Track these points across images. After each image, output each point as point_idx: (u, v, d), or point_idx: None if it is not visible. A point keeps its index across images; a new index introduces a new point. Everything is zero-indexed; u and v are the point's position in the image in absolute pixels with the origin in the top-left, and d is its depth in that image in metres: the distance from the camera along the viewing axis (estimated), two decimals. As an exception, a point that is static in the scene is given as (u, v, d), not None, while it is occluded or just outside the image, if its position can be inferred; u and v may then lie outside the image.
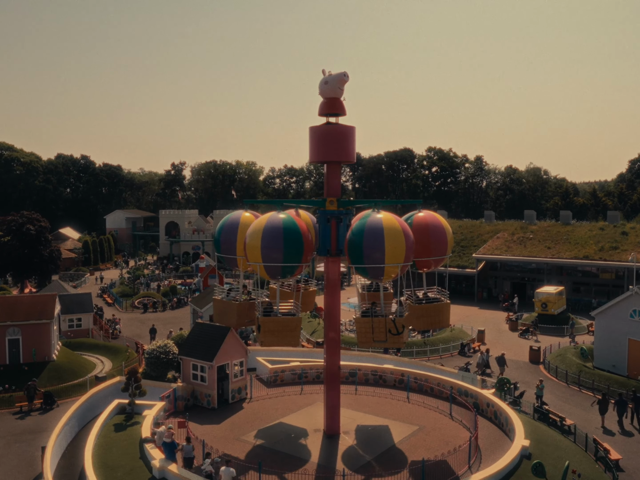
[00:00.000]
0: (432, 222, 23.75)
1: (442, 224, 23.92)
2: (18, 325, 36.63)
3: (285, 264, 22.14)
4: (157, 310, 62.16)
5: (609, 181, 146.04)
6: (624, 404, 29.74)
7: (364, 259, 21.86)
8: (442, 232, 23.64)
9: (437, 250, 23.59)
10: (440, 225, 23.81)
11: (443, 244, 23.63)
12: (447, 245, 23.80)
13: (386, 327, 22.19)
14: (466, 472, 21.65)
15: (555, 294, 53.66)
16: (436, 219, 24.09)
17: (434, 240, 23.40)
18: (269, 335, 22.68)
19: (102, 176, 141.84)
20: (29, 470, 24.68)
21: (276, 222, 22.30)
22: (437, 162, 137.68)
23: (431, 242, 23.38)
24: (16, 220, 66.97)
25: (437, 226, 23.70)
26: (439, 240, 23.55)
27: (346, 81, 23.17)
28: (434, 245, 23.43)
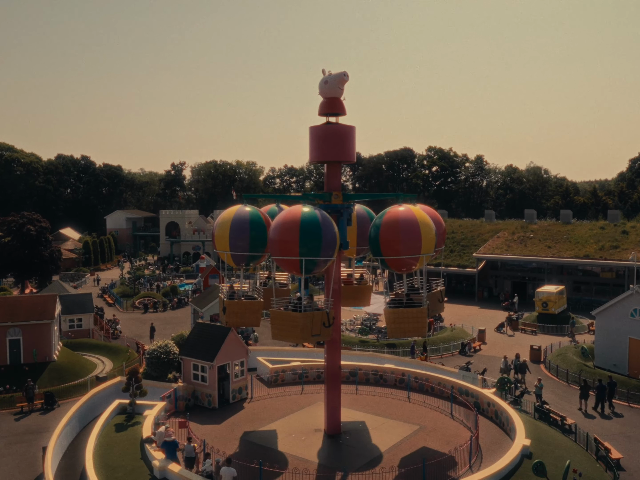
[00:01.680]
0: (404, 217, 21.95)
1: (416, 219, 21.85)
2: (19, 325, 36.65)
3: (251, 253, 23.42)
4: (158, 310, 62.18)
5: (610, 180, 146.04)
6: (602, 390, 31.80)
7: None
8: (413, 228, 21.73)
9: (408, 248, 21.70)
10: (412, 220, 21.82)
11: (415, 241, 21.65)
12: (421, 242, 21.67)
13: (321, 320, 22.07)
14: (467, 471, 21.64)
15: (555, 293, 53.66)
16: (410, 212, 22.11)
17: (403, 237, 21.59)
18: (233, 316, 24.04)
19: (103, 176, 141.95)
20: (30, 470, 24.68)
21: (243, 213, 23.62)
22: (438, 162, 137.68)
23: (401, 239, 21.62)
24: (16, 220, 67.00)
25: (409, 221, 21.81)
26: (410, 237, 21.62)
27: (346, 81, 23.18)
28: (404, 243, 21.62)
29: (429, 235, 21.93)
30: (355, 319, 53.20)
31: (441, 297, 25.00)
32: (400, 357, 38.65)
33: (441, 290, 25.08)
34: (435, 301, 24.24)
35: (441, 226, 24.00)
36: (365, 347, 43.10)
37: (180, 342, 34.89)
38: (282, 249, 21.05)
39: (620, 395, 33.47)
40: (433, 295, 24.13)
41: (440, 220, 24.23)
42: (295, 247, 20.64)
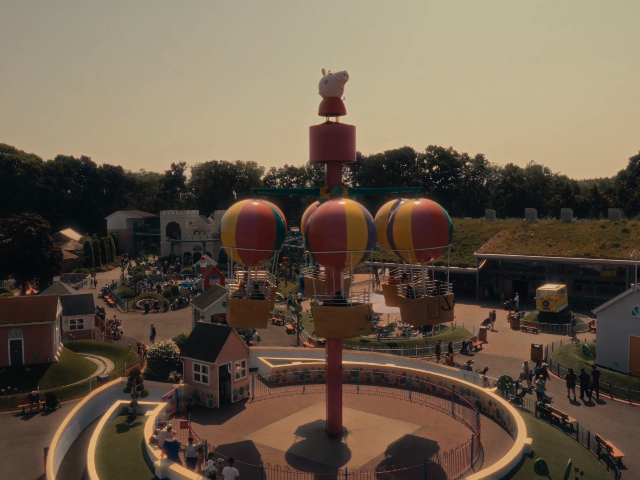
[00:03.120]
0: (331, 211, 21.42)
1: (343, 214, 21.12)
2: (20, 326, 36.66)
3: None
4: (159, 311, 62.20)
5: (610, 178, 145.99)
6: (587, 379, 33.63)
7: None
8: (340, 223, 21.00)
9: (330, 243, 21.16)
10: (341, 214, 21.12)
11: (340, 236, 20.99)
12: (347, 239, 20.90)
13: (439, 304, 23.02)
14: (468, 470, 21.65)
15: (556, 292, 53.63)
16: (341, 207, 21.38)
17: (328, 232, 21.19)
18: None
19: (103, 177, 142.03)
20: (32, 471, 24.69)
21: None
22: (438, 161, 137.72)
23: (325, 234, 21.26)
24: (17, 221, 67.02)
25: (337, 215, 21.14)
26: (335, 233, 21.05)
27: (346, 80, 23.19)
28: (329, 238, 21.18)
29: (357, 231, 20.92)
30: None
31: (446, 304, 23.26)
32: (401, 357, 38.64)
33: (447, 297, 23.32)
34: (436, 307, 23.06)
35: (445, 224, 23.10)
36: (367, 347, 43.10)
37: (182, 342, 34.90)
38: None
39: (621, 393, 33.51)
40: (433, 300, 23.09)
41: (441, 217, 23.19)
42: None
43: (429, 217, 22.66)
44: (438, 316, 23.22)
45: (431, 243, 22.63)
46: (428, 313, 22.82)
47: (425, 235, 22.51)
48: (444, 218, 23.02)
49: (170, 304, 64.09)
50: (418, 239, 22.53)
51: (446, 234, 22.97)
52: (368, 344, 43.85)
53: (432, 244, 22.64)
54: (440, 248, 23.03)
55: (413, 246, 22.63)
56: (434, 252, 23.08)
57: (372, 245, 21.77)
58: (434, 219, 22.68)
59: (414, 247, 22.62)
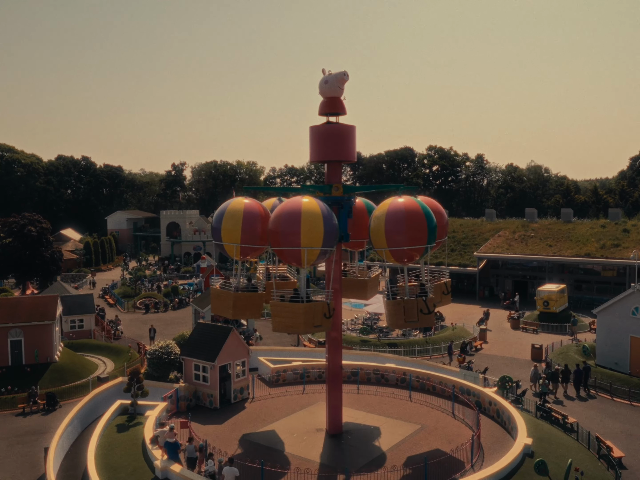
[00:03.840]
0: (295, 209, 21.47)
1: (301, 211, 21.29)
2: (20, 326, 36.69)
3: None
4: (159, 310, 62.23)
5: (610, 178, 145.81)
6: (579, 374, 34.84)
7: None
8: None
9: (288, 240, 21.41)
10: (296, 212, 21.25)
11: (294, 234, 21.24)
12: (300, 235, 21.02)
13: (418, 308, 22.13)
14: (469, 470, 21.66)
15: (556, 292, 53.65)
16: None
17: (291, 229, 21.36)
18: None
19: (103, 177, 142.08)
20: (32, 471, 24.70)
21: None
22: (438, 161, 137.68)
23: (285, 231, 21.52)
24: (17, 221, 67.04)
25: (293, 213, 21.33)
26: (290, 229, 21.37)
27: (346, 80, 23.19)
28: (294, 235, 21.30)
29: (311, 228, 20.97)
30: (356, 319, 53.22)
31: (426, 307, 22.73)
32: (401, 357, 38.64)
33: (426, 300, 22.75)
34: (414, 310, 22.56)
35: (421, 222, 22.28)
36: (367, 347, 43.12)
37: (182, 342, 34.92)
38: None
39: (621, 393, 33.53)
40: (410, 303, 22.59)
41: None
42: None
43: (403, 215, 21.71)
44: (416, 320, 22.11)
45: (405, 242, 21.66)
46: (405, 316, 21.90)
47: (398, 235, 21.66)
48: (422, 216, 21.78)
49: (171, 303, 64.13)
50: (391, 238, 21.76)
51: (423, 233, 21.73)
52: (368, 344, 43.87)
53: (406, 243, 21.66)
54: (418, 248, 21.89)
55: (387, 245, 21.94)
56: (411, 252, 22.06)
57: (329, 244, 21.50)
58: (408, 218, 21.65)
59: (388, 246, 21.93)
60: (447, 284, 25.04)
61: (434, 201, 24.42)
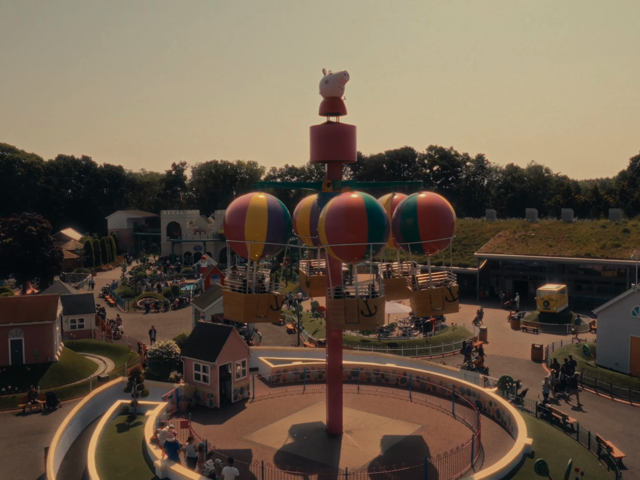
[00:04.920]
0: None
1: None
2: (20, 326, 36.69)
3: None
4: (159, 310, 62.25)
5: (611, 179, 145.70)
6: (569, 367, 35.59)
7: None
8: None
9: None
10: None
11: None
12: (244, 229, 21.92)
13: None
14: (469, 470, 21.65)
15: (557, 292, 53.66)
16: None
17: None
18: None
19: (104, 177, 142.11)
20: (33, 471, 24.71)
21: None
22: (439, 161, 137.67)
23: None
24: (18, 221, 67.06)
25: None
26: None
27: (346, 80, 23.17)
28: None
29: (254, 222, 21.92)
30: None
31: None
32: (401, 357, 38.63)
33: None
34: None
35: (361, 220, 21.27)
36: (367, 347, 43.12)
37: (182, 342, 34.93)
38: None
39: (622, 393, 33.52)
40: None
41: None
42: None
43: (343, 211, 20.80)
44: (357, 322, 21.45)
45: (342, 239, 20.86)
46: (345, 316, 21.27)
47: (336, 231, 20.90)
48: (363, 213, 20.65)
49: (171, 303, 64.16)
50: (330, 234, 21.15)
51: (363, 231, 20.59)
52: (368, 344, 43.88)
53: (342, 239, 20.85)
54: (359, 246, 20.93)
55: (327, 241, 21.44)
56: (351, 250, 21.15)
57: (273, 238, 22.06)
58: (348, 214, 20.67)
59: (328, 242, 21.42)
60: (452, 289, 23.09)
61: (440, 198, 23.58)
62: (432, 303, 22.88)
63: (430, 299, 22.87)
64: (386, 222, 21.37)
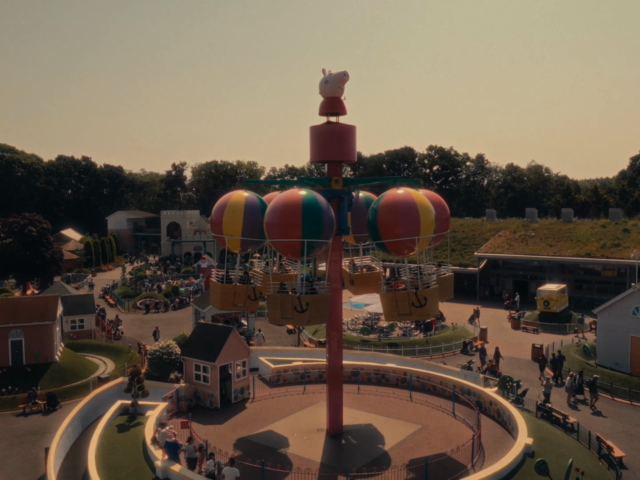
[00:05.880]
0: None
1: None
2: (20, 326, 36.69)
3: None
4: (160, 311, 62.24)
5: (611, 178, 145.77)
6: (556, 363, 37.17)
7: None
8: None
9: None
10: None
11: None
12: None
13: (409, 300, 21.68)
14: (469, 470, 21.65)
15: (557, 292, 53.65)
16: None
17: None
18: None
19: (104, 177, 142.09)
20: (33, 471, 24.71)
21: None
22: (438, 161, 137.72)
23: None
24: (18, 222, 67.05)
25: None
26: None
27: (346, 80, 23.17)
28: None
29: (230, 218, 23.49)
30: (356, 319, 53.20)
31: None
32: (402, 357, 38.63)
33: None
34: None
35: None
36: (367, 347, 43.11)
37: (182, 342, 34.92)
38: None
39: (622, 393, 33.51)
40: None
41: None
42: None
43: (278, 207, 21.02)
44: (290, 317, 21.28)
45: (277, 235, 21.12)
46: (281, 311, 21.35)
47: (273, 227, 21.16)
48: (296, 209, 20.64)
49: (171, 304, 64.15)
50: (268, 230, 21.51)
51: (296, 227, 20.56)
52: (369, 344, 43.88)
53: (277, 235, 21.10)
54: (293, 242, 20.86)
55: (267, 237, 21.76)
56: (285, 246, 21.36)
57: (249, 233, 23.07)
58: (282, 210, 20.87)
59: (268, 237, 21.72)
60: (419, 294, 21.65)
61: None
62: (398, 308, 21.75)
63: (397, 303, 21.82)
64: (325, 219, 21.00)
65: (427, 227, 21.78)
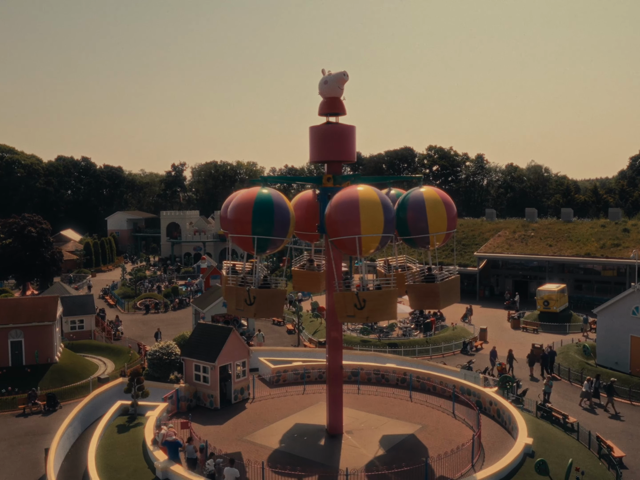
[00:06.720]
0: None
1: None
2: (20, 327, 36.68)
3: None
4: (159, 311, 62.23)
5: (610, 178, 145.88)
6: (545, 358, 38.10)
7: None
8: None
9: None
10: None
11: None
12: None
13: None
14: (469, 470, 21.65)
15: (557, 292, 53.64)
16: None
17: None
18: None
19: (103, 178, 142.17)
20: (33, 472, 24.69)
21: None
22: (438, 161, 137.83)
23: None
24: (17, 222, 67.05)
25: None
26: None
27: (346, 80, 23.17)
28: None
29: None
30: (356, 319, 53.07)
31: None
32: (402, 357, 38.63)
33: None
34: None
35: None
36: (367, 347, 43.11)
37: (182, 342, 34.92)
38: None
39: (622, 393, 33.50)
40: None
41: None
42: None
43: (234, 204, 21.97)
44: (242, 309, 21.85)
45: (233, 231, 21.92)
46: (235, 303, 21.98)
47: (226, 222, 22.31)
48: (248, 206, 21.14)
49: (171, 304, 64.14)
50: (230, 226, 22.20)
51: (247, 224, 21.14)
52: (368, 344, 43.88)
53: (233, 231, 21.92)
54: (245, 237, 21.30)
55: (229, 232, 22.49)
56: (240, 241, 21.85)
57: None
58: (237, 207, 21.71)
59: (229, 232, 22.48)
60: (359, 296, 20.70)
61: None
62: (345, 308, 20.96)
63: (345, 303, 21.02)
64: (277, 217, 21.12)
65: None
